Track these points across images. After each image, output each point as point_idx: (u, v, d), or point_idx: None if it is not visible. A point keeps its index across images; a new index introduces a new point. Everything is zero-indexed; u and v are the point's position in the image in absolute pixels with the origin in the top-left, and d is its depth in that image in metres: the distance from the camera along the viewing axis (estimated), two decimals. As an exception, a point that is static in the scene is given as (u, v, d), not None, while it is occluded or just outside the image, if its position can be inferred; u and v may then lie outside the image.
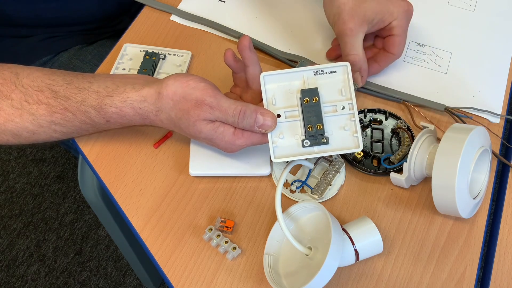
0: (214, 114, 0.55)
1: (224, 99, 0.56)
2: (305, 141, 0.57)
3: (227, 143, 0.57)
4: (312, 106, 0.57)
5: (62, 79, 0.59)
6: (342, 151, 0.57)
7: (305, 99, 0.57)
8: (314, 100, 0.57)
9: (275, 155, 0.57)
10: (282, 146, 0.57)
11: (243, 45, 0.59)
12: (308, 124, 0.57)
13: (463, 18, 0.82)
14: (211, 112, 0.55)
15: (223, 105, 0.55)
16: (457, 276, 0.59)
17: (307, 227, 0.59)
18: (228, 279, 0.58)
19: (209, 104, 0.55)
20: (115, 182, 0.65)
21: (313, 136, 0.57)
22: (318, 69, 0.58)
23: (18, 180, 1.56)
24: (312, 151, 0.57)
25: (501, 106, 0.72)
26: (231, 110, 0.55)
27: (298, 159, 0.57)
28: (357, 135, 0.57)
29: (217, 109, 0.55)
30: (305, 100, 0.57)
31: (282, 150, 0.57)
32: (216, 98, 0.55)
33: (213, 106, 0.55)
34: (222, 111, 0.55)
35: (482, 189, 0.61)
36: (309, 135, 0.57)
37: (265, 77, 0.58)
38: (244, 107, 0.55)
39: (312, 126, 0.57)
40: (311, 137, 0.57)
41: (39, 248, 1.45)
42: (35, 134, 0.60)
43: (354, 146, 0.57)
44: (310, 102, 0.57)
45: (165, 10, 0.81)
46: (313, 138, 0.57)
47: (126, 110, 0.57)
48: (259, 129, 0.56)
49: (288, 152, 0.57)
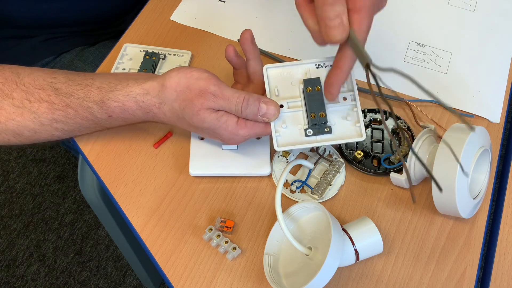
0: (217, 103, 0.55)
1: (228, 88, 0.56)
2: (308, 130, 0.57)
3: (230, 133, 0.57)
4: (314, 95, 0.57)
5: (64, 77, 0.59)
6: (344, 140, 0.57)
7: (307, 88, 0.57)
8: (317, 89, 0.57)
9: (278, 144, 0.57)
10: (285, 135, 0.58)
11: (245, 38, 0.60)
12: (311, 112, 0.57)
13: (463, 18, 0.82)
14: (215, 100, 0.55)
15: (227, 93, 0.55)
16: (457, 276, 0.59)
17: (307, 227, 0.59)
18: (228, 279, 0.58)
19: (212, 92, 0.55)
20: (115, 182, 0.65)
21: (316, 124, 0.57)
22: (320, 62, 0.59)
23: (18, 180, 1.56)
24: (315, 140, 0.57)
25: (501, 106, 0.72)
26: (234, 99, 0.55)
27: (301, 147, 0.58)
28: (360, 124, 0.57)
29: (221, 97, 0.55)
30: (307, 90, 0.57)
31: (285, 139, 0.57)
32: (220, 87, 0.55)
33: (217, 94, 0.55)
34: (226, 100, 0.55)
35: (482, 189, 0.61)
36: (312, 124, 0.57)
37: (268, 69, 0.59)
38: (247, 96, 0.55)
39: (315, 114, 0.57)
40: (314, 126, 0.57)
41: (39, 248, 1.45)
42: (36, 133, 0.60)
43: (357, 135, 0.57)
44: (312, 91, 0.57)
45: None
46: (316, 127, 0.57)
47: (129, 104, 0.57)
48: (262, 118, 0.56)
49: (291, 141, 0.57)
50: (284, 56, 0.77)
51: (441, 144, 0.57)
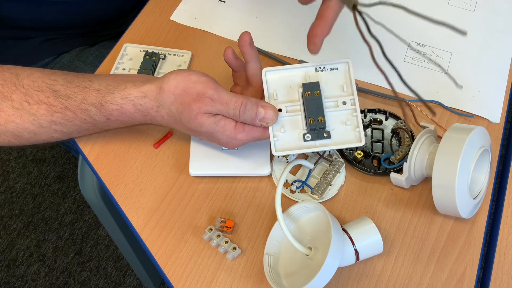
0: (215, 107, 0.55)
1: (226, 92, 0.56)
2: (306, 135, 0.57)
3: (228, 137, 0.57)
4: (313, 100, 0.57)
5: (63, 79, 0.59)
6: (343, 145, 0.57)
7: (306, 92, 0.57)
8: (316, 94, 0.57)
9: (276, 148, 0.57)
10: (283, 140, 0.57)
11: (243, 40, 0.59)
12: (310, 117, 0.57)
13: (463, 18, 0.82)
14: (213, 104, 0.55)
15: (225, 97, 0.55)
16: (457, 276, 0.59)
17: (307, 227, 0.59)
18: (228, 279, 0.58)
19: (210, 96, 0.55)
20: (115, 182, 0.65)
21: (314, 129, 0.57)
22: (320, 66, 0.59)
23: (18, 180, 1.56)
24: (314, 145, 0.57)
25: (501, 106, 0.72)
26: (232, 103, 0.55)
27: (299, 152, 0.57)
28: (359, 129, 0.57)
29: (219, 101, 0.55)
30: (306, 94, 0.57)
31: (283, 143, 0.57)
32: (218, 91, 0.55)
33: (215, 98, 0.55)
34: (224, 104, 0.55)
35: (482, 189, 0.61)
36: (311, 128, 0.57)
37: (267, 72, 0.59)
38: (245, 100, 0.55)
39: (314, 119, 0.57)
40: (312, 131, 0.57)
41: (39, 248, 1.45)
42: (36, 135, 0.60)
43: (356, 140, 0.57)
44: (311, 95, 0.57)
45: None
46: (315, 131, 0.57)
47: (127, 107, 0.57)
48: (260, 123, 0.56)
49: (289, 146, 0.57)
50: (284, 56, 0.77)
51: (441, 144, 0.57)
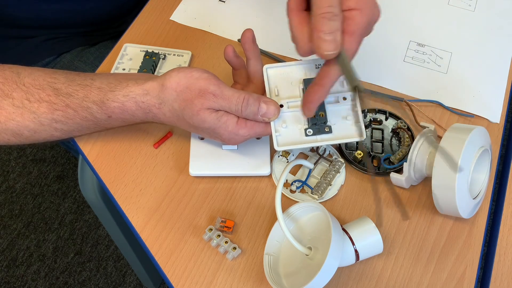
0: (217, 103, 0.55)
1: (228, 88, 0.56)
2: (308, 130, 0.57)
3: (231, 133, 0.57)
4: None
5: (64, 77, 0.59)
6: (345, 139, 0.57)
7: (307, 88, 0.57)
8: None
9: (279, 143, 0.57)
10: (285, 135, 0.58)
11: (246, 37, 0.60)
12: None
13: (463, 18, 0.82)
14: (215, 100, 0.55)
15: (227, 93, 0.55)
16: (457, 276, 0.59)
17: (307, 227, 0.59)
18: (228, 279, 0.58)
19: (212, 92, 0.55)
20: (115, 182, 0.65)
21: (316, 124, 0.57)
22: (320, 63, 0.59)
23: (18, 180, 1.56)
24: (315, 140, 0.57)
25: (501, 106, 0.72)
26: (234, 98, 0.55)
27: (301, 147, 0.58)
28: (360, 124, 0.57)
29: (221, 97, 0.55)
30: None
31: (285, 138, 0.58)
32: (220, 87, 0.55)
33: (217, 94, 0.55)
34: (226, 99, 0.55)
35: (482, 189, 0.61)
36: (312, 123, 0.57)
37: (268, 69, 0.59)
38: (247, 95, 0.55)
39: (315, 114, 0.57)
40: (313, 126, 0.57)
41: (39, 248, 1.45)
42: (36, 133, 0.60)
43: (357, 135, 0.57)
44: None
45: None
46: (316, 126, 0.57)
47: (129, 105, 0.57)
48: (262, 118, 0.56)
49: (291, 141, 0.57)
50: (284, 56, 0.77)
51: (441, 144, 0.57)
